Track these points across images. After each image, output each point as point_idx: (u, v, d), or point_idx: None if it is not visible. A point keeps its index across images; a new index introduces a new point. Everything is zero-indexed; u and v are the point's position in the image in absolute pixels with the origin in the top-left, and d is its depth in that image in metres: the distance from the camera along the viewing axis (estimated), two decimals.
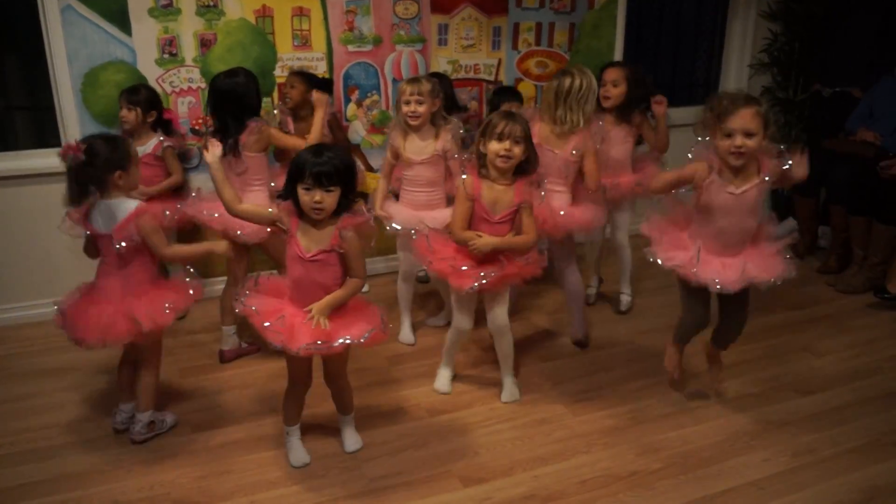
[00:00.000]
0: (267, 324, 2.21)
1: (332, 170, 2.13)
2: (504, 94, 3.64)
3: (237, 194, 2.44)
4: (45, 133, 3.53)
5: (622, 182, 3.38)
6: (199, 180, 3.43)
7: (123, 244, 2.34)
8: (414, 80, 2.98)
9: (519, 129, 2.51)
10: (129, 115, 3.22)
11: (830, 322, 3.55)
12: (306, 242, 2.23)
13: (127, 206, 2.37)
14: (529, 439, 2.62)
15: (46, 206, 3.40)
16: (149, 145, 3.25)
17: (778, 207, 4.88)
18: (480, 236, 2.57)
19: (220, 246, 2.53)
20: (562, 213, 2.97)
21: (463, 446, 2.58)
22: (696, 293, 2.54)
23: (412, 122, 2.99)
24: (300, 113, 3.45)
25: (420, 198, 3.08)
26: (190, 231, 3.27)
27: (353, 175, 2.23)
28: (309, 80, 3.44)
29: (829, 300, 3.80)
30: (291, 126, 3.44)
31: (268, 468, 2.45)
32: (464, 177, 2.62)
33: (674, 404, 2.82)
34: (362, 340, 2.24)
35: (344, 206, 2.22)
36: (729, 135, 2.30)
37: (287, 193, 2.22)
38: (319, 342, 2.18)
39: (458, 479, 2.40)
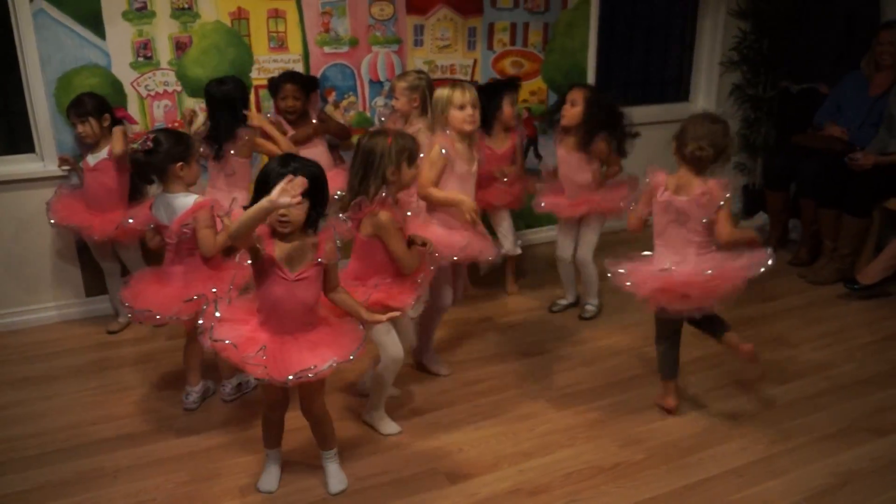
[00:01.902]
0: (246, 357, 2.07)
1: None
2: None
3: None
4: (16, 139, 3.48)
5: (586, 203, 3.36)
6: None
7: (181, 236, 2.54)
8: (462, 85, 2.87)
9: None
10: (86, 129, 3.18)
11: (802, 312, 3.64)
12: (287, 262, 2.09)
13: (187, 200, 2.54)
14: (513, 435, 2.65)
15: (19, 212, 3.38)
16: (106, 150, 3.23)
17: (749, 201, 4.99)
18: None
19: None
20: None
21: (447, 444, 2.60)
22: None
23: (468, 129, 2.86)
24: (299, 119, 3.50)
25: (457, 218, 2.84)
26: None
27: (323, 187, 2.11)
28: (302, 84, 3.45)
29: (800, 291, 3.89)
30: (286, 126, 3.45)
31: (255, 472, 2.45)
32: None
33: (653, 397, 2.87)
34: (351, 358, 2.15)
35: (313, 218, 2.12)
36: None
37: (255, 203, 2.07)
38: (309, 369, 2.07)
39: (445, 476, 2.43)
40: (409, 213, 2.62)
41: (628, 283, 2.54)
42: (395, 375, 2.62)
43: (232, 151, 3.11)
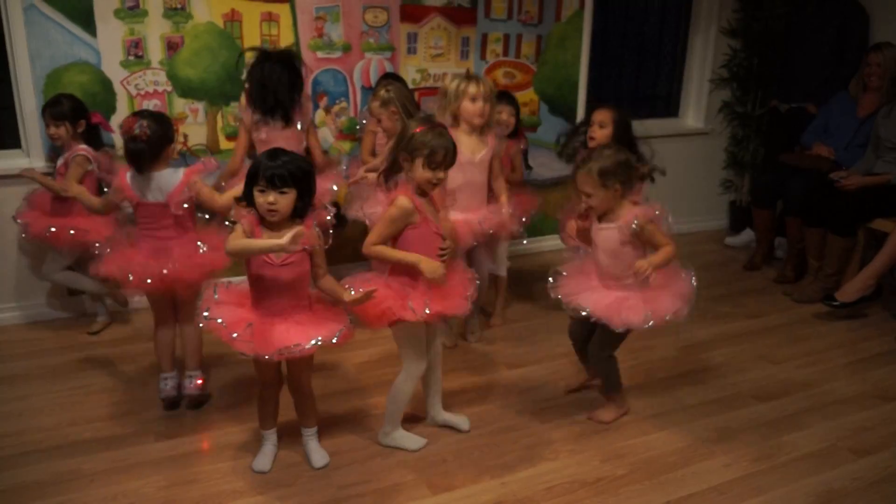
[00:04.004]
0: (235, 335, 2.20)
1: (285, 172, 2.15)
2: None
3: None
4: (2, 134, 3.44)
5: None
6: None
7: (183, 207, 2.58)
8: (477, 78, 2.93)
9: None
10: (60, 132, 3.11)
11: (786, 330, 3.66)
12: None
13: (177, 174, 2.59)
14: (496, 446, 2.64)
15: (5, 207, 3.33)
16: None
17: (736, 218, 5.03)
18: None
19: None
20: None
21: (430, 454, 2.58)
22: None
23: (478, 122, 2.95)
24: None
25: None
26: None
27: (310, 179, 2.23)
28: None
29: (785, 309, 3.91)
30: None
31: (234, 477, 2.43)
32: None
33: (637, 411, 2.87)
34: (334, 340, 2.25)
35: (301, 209, 2.23)
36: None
37: (246, 198, 2.22)
38: (293, 346, 2.19)
39: (427, 487, 2.41)
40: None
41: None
42: (413, 393, 2.57)
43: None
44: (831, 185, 3.87)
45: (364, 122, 3.65)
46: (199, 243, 2.64)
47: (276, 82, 3.11)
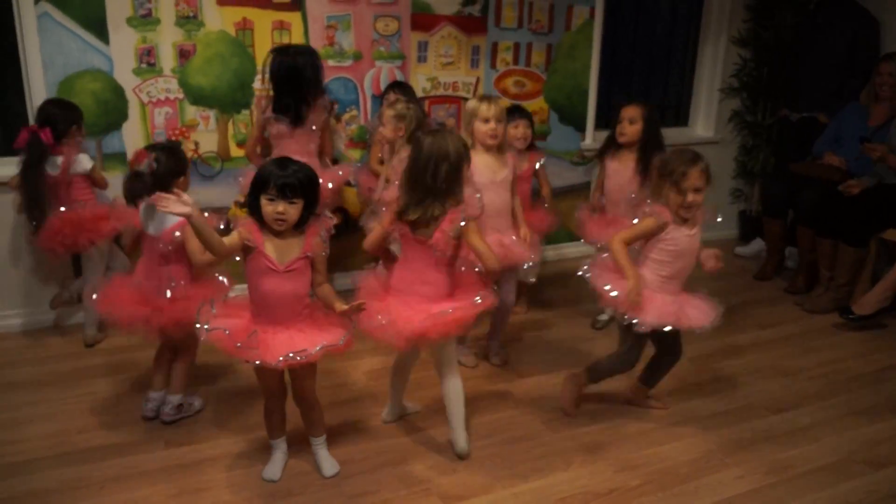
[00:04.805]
0: (239, 344, 2.19)
1: (296, 182, 2.17)
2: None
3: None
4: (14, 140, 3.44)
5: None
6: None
7: (170, 247, 2.54)
8: (490, 99, 2.97)
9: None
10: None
11: (798, 341, 3.63)
12: (276, 255, 2.23)
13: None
14: (508, 456, 2.62)
15: (3, 215, 3.33)
16: (80, 162, 3.12)
17: (746, 228, 5.01)
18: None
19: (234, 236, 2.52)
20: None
21: (441, 463, 2.57)
22: (641, 338, 2.67)
23: (490, 143, 2.96)
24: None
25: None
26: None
27: (317, 189, 2.25)
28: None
29: (796, 319, 3.89)
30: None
31: (243, 486, 2.41)
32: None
33: (650, 421, 2.85)
34: (340, 342, 2.25)
35: (305, 219, 2.24)
36: (683, 192, 2.51)
37: (249, 204, 2.23)
38: (296, 353, 2.18)
39: (438, 497, 2.39)
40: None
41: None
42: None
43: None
44: (843, 196, 3.85)
45: (373, 130, 3.66)
46: (181, 283, 2.59)
47: (286, 78, 3.13)
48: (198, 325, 2.24)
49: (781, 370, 3.32)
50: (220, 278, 2.65)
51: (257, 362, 2.19)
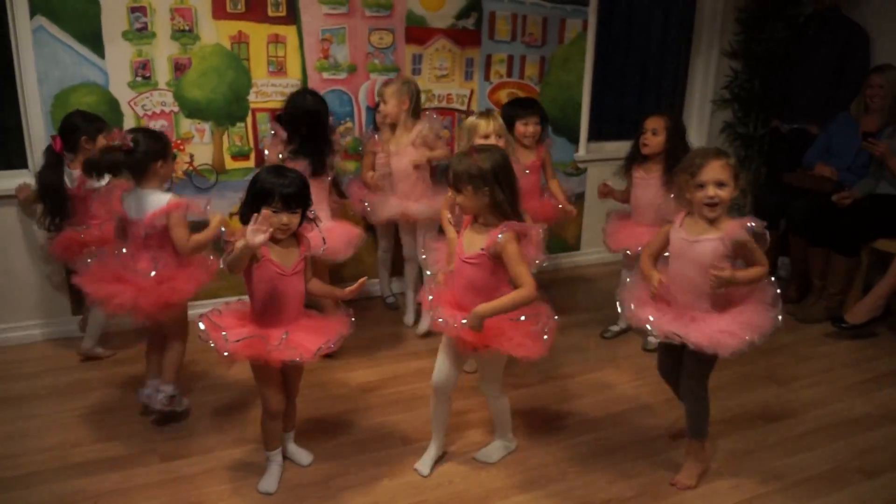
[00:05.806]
0: (273, 346, 2.24)
1: (297, 191, 2.23)
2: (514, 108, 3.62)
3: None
4: (9, 154, 3.45)
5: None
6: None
7: (150, 231, 2.55)
8: (489, 115, 3.02)
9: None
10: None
11: (791, 351, 3.65)
12: (280, 260, 2.28)
13: (160, 198, 2.57)
14: (504, 467, 2.62)
15: (11, 227, 3.34)
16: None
17: None
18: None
19: (216, 220, 2.66)
20: None
21: (438, 475, 2.57)
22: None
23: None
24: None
25: None
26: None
27: (309, 195, 2.31)
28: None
29: (789, 329, 3.90)
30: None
31: (239, 498, 2.41)
32: None
33: (643, 431, 2.86)
34: (348, 332, 2.36)
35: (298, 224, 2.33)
36: (701, 186, 2.29)
37: (246, 214, 2.23)
38: (325, 343, 2.28)
39: None
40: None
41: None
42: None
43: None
44: (835, 206, 3.89)
45: (366, 140, 3.70)
46: (157, 269, 2.59)
47: (307, 122, 3.22)
48: (223, 338, 2.21)
49: (775, 379, 3.34)
50: (209, 257, 2.70)
51: (297, 359, 2.24)
